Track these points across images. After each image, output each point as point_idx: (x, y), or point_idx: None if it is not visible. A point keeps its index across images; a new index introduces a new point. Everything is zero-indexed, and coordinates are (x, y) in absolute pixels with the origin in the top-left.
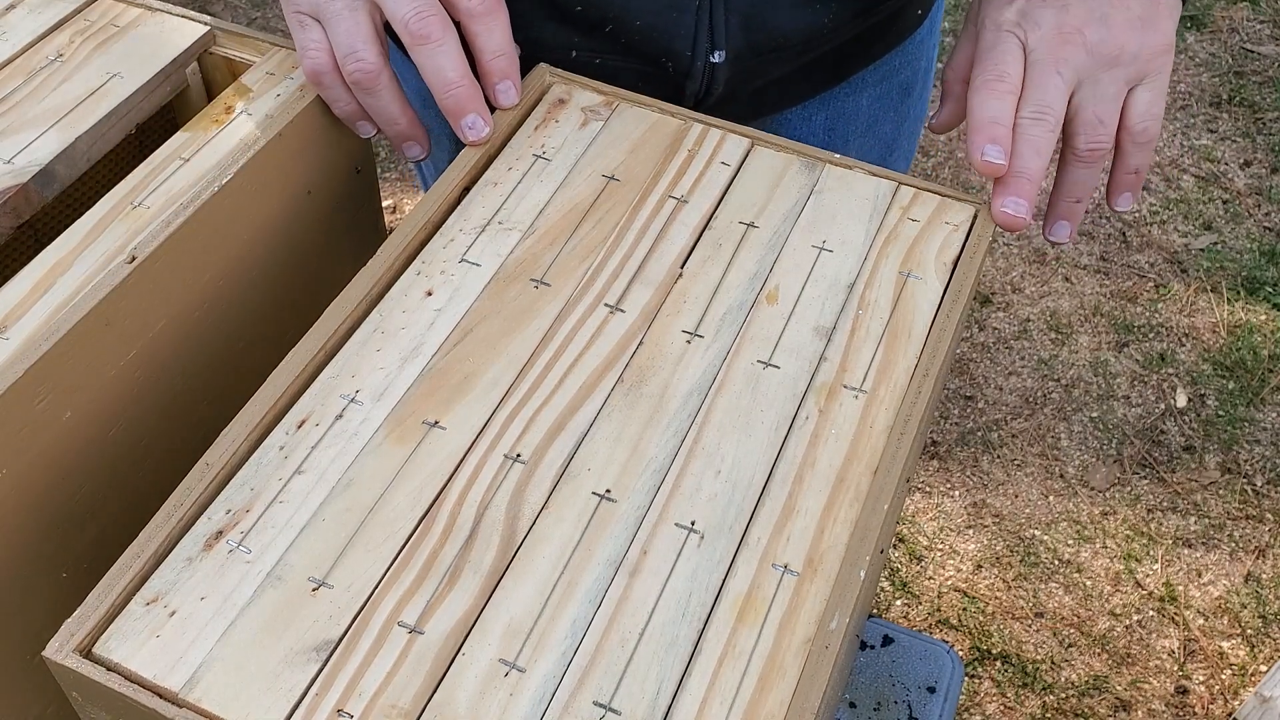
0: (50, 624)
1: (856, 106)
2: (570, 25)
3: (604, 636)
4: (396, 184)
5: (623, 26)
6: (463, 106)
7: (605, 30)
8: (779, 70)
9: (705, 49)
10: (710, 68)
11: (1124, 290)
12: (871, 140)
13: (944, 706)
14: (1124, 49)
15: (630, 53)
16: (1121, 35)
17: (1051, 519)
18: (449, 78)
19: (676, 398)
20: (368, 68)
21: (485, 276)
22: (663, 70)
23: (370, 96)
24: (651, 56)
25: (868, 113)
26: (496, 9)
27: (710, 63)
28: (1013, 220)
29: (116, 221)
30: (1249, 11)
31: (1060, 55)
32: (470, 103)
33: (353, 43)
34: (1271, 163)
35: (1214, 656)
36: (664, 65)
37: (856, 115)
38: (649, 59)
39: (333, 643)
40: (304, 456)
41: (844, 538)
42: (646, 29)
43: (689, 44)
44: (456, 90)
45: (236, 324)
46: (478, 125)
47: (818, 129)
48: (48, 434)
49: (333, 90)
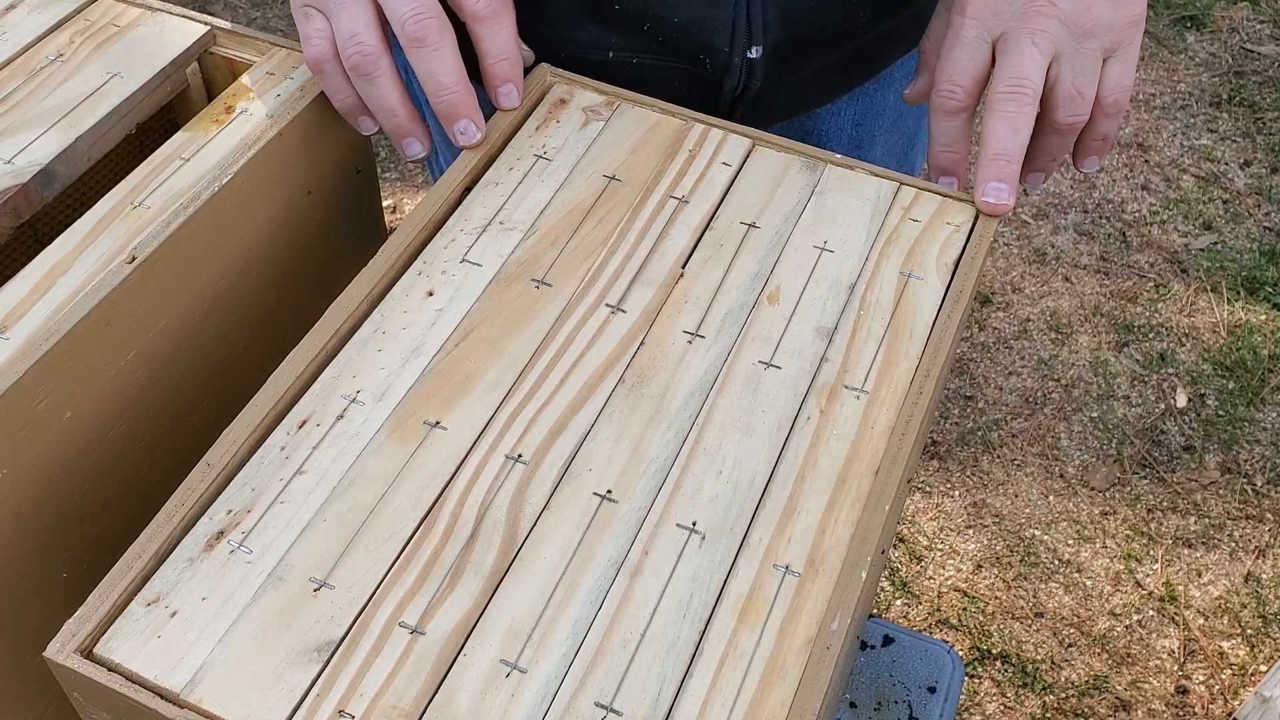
0: (51, 624)
1: (884, 101)
2: (608, 26)
3: (605, 637)
4: (396, 184)
5: (661, 24)
6: (455, 111)
7: (644, 29)
8: (815, 64)
9: (743, 44)
10: (748, 63)
11: (1124, 290)
12: (896, 134)
13: (944, 706)
14: (1099, 20)
15: (668, 51)
16: (1096, 6)
17: (1051, 519)
18: (443, 82)
19: (678, 398)
20: (366, 50)
21: (486, 276)
22: (700, 67)
23: (369, 84)
24: (690, 53)
25: (894, 107)
26: (502, 12)
27: (748, 58)
28: (996, 208)
29: (117, 221)
30: (1249, 11)
31: (1034, 26)
32: (463, 108)
33: (353, 28)
34: (1271, 163)
35: (1214, 656)
36: (702, 62)
37: (884, 110)
38: (687, 56)
39: (334, 643)
40: (305, 457)
41: (845, 538)
42: (685, 25)
43: (727, 39)
44: (450, 95)
45: (237, 324)
46: (469, 131)
47: (846, 124)
48: (48, 434)
49: (333, 80)
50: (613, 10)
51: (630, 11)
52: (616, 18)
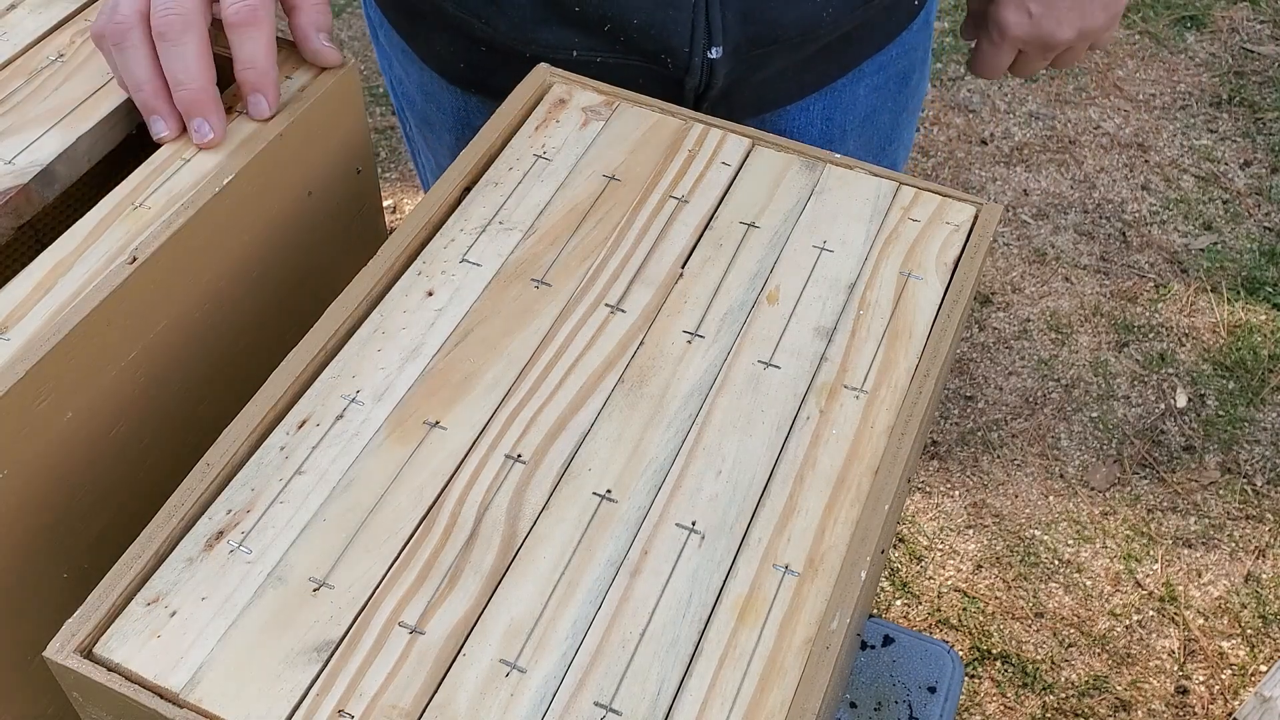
0: (50, 624)
1: (854, 96)
2: (570, 26)
3: (605, 637)
4: (396, 184)
5: (620, 25)
6: (189, 109)
7: (604, 29)
8: (778, 64)
9: (702, 45)
10: (709, 63)
11: (1124, 290)
12: (870, 131)
13: (944, 706)
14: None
15: (630, 51)
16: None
17: (1051, 519)
18: (179, 78)
19: (677, 398)
20: (181, 9)
21: (486, 276)
22: (662, 67)
23: (173, 47)
24: (650, 54)
25: (865, 103)
26: (252, 21)
27: (708, 58)
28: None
29: (117, 222)
30: (1249, 11)
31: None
32: (196, 106)
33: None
34: (1271, 163)
35: (1214, 656)
36: (663, 62)
37: (854, 105)
38: (648, 56)
39: (333, 643)
40: (305, 456)
41: (845, 538)
42: (644, 26)
43: (686, 40)
44: (184, 91)
45: (237, 324)
46: (202, 129)
47: (815, 118)
48: (48, 434)
49: (130, 51)
50: (572, 12)
51: (589, 13)
52: (576, 19)
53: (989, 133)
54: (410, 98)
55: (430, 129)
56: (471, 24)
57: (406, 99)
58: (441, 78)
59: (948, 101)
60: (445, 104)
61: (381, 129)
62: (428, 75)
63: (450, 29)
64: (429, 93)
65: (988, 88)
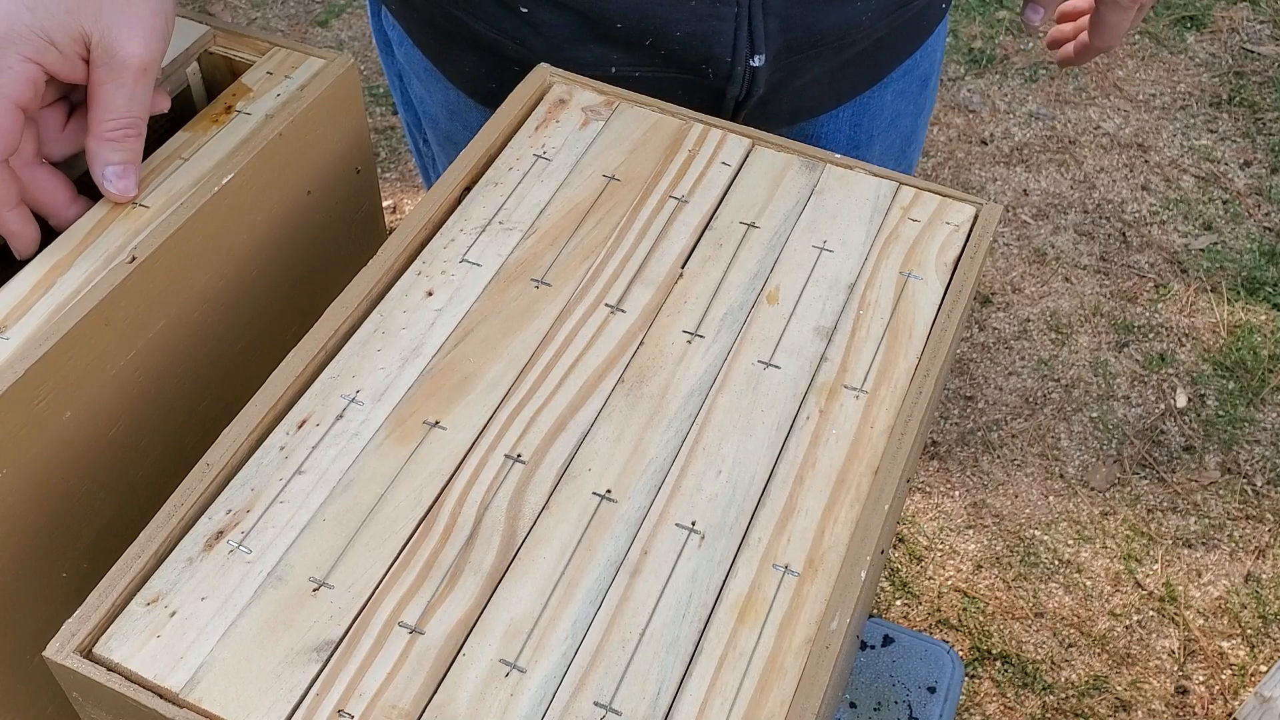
0: (50, 624)
1: (881, 102)
2: (608, 43)
3: (604, 637)
4: (396, 184)
5: (662, 39)
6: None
7: (646, 44)
8: (817, 69)
9: (745, 53)
10: (750, 71)
11: (1124, 290)
12: (894, 134)
13: (944, 706)
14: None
15: (670, 63)
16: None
17: (1051, 519)
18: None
19: (677, 398)
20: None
21: (486, 276)
22: (703, 77)
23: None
24: (692, 65)
25: (891, 107)
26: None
27: (750, 67)
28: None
29: (117, 221)
30: (1249, 11)
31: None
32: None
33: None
34: (1271, 163)
35: (1214, 656)
36: (704, 72)
37: (881, 111)
38: (689, 68)
39: (333, 643)
40: (304, 456)
41: (844, 538)
42: (686, 38)
43: (729, 50)
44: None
45: (237, 324)
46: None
47: (843, 125)
48: (48, 434)
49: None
50: (614, 29)
51: (631, 29)
52: (617, 36)
53: (989, 133)
54: (432, 116)
55: (456, 148)
56: (505, 45)
57: (428, 117)
58: (471, 99)
59: (948, 101)
60: (474, 123)
61: (381, 129)
62: (454, 95)
63: (481, 49)
64: (455, 112)
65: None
